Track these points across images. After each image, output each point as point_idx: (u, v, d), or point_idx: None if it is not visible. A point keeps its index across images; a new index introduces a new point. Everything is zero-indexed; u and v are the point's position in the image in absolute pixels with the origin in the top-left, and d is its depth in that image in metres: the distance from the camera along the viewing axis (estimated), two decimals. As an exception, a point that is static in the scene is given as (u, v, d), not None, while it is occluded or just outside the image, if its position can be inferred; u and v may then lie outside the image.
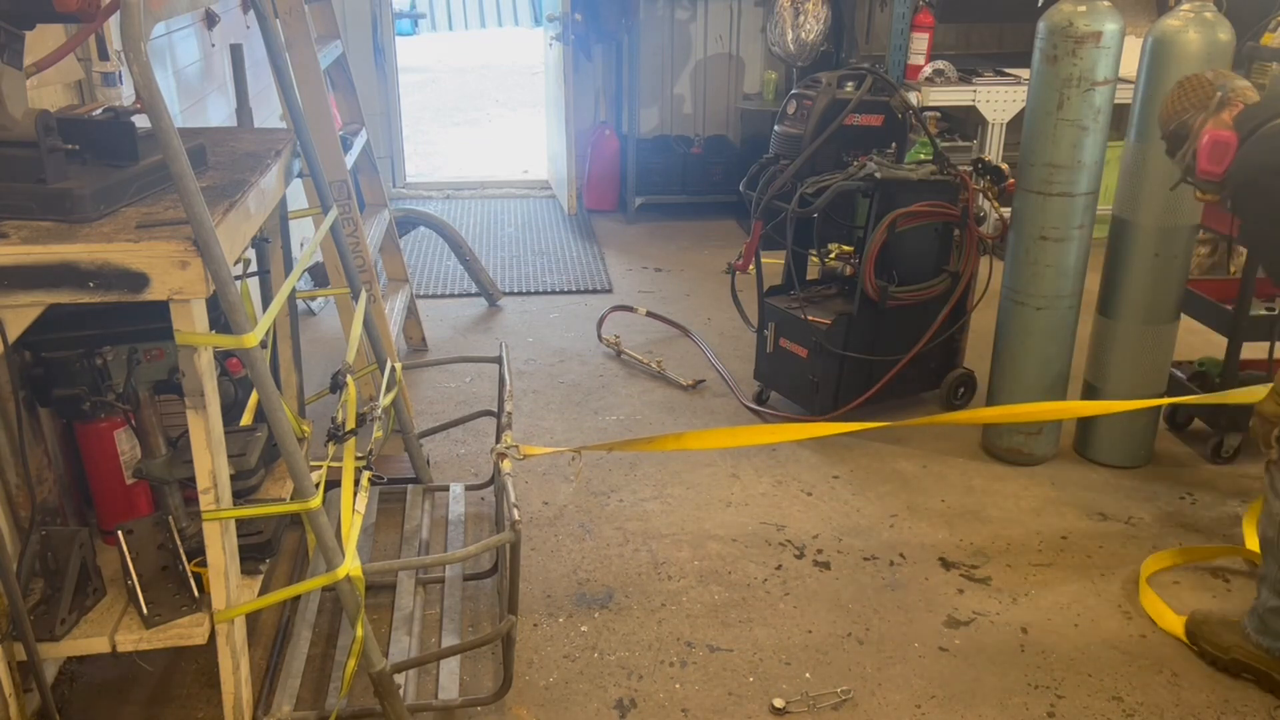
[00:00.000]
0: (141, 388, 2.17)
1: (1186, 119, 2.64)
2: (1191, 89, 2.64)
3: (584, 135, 6.56)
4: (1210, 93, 2.59)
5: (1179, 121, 2.66)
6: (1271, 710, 2.49)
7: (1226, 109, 2.55)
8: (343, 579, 2.10)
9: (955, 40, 6.44)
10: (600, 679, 2.57)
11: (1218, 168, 2.52)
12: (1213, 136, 2.52)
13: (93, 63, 2.70)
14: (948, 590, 2.93)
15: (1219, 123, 2.55)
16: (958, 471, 3.57)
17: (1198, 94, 2.62)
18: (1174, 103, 2.68)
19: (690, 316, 4.85)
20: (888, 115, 3.78)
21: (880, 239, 3.58)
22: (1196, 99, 2.62)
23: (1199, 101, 2.61)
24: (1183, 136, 2.65)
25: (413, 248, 5.82)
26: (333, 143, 3.41)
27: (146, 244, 1.79)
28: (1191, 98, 2.63)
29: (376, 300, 3.54)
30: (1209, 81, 2.62)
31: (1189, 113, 2.63)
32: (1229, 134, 2.50)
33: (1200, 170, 2.57)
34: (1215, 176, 2.54)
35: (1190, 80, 2.67)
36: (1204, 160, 2.55)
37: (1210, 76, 2.64)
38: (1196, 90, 2.63)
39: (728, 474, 3.52)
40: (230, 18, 4.02)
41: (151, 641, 2.08)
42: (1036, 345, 3.48)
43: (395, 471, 3.38)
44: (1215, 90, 2.58)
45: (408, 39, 14.69)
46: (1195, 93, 2.63)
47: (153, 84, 1.72)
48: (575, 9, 6.10)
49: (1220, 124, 2.55)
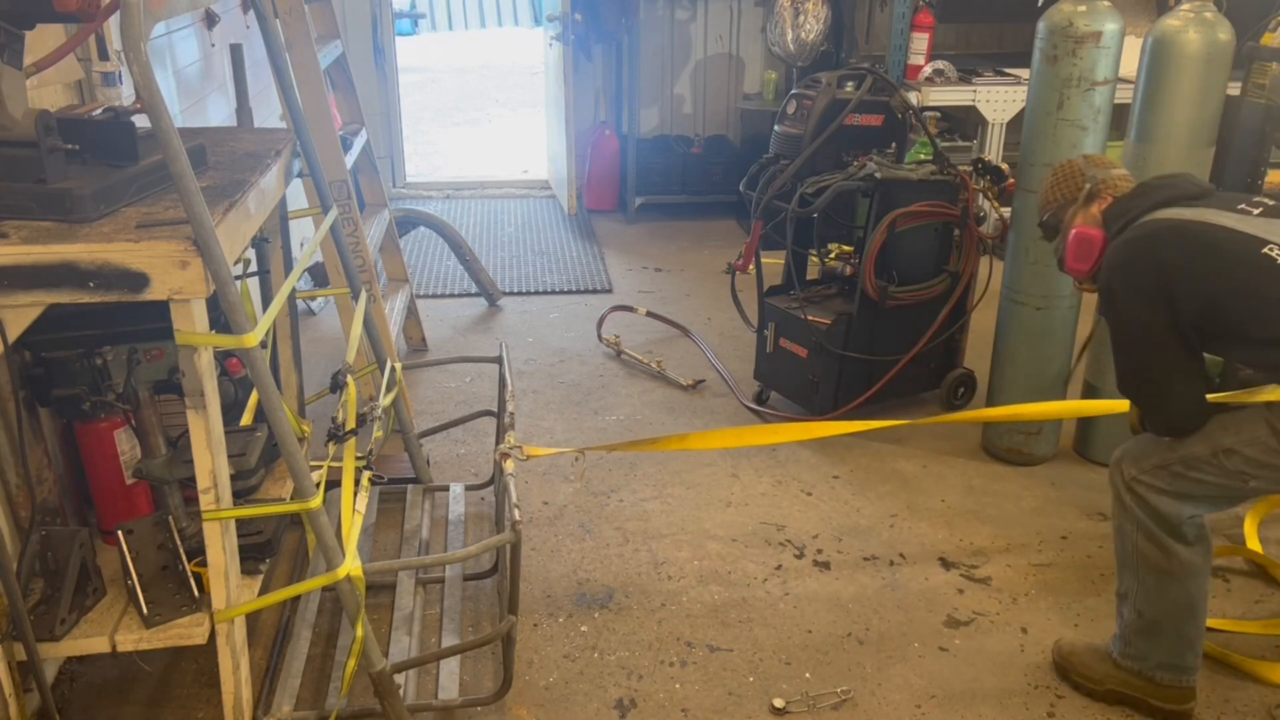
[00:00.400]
0: (141, 388, 2.17)
1: (1058, 210, 2.51)
2: (1062, 178, 2.50)
3: (584, 135, 6.56)
4: (1080, 183, 2.45)
5: (1051, 212, 2.53)
6: (1272, 710, 2.49)
7: (1096, 201, 2.40)
8: (343, 579, 2.10)
9: (955, 40, 6.44)
10: (600, 679, 2.57)
11: (1083, 265, 2.38)
12: (1078, 234, 2.38)
13: (93, 63, 2.70)
14: (948, 590, 2.93)
15: (1088, 217, 2.40)
16: (958, 471, 3.57)
17: (1068, 184, 2.48)
18: (1047, 192, 2.54)
19: (690, 316, 4.85)
20: (888, 115, 3.78)
21: (880, 239, 3.58)
22: (1067, 190, 2.48)
23: (1069, 193, 2.47)
24: (1055, 228, 2.52)
25: (413, 248, 5.82)
26: (333, 143, 3.41)
27: (146, 244, 1.79)
28: (1062, 188, 2.49)
29: (376, 300, 3.54)
30: (1080, 170, 2.47)
31: (1060, 204, 2.50)
32: (1096, 231, 2.36)
33: (1068, 267, 2.44)
34: (1083, 274, 2.41)
35: (1062, 168, 2.53)
36: (1070, 258, 2.41)
37: (1081, 164, 2.49)
38: (1067, 180, 2.49)
39: (728, 474, 3.52)
40: (230, 18, 4.02)
41: (151, 641, 2.08)
42: (1036, 345, 3.48)
43: (395, 471, 3.38)
44: (1084, 181, 2.44)
45: (408, 39, 14.69)
46: (1066, 183, 2.49)
47: (153, 84, 1.72)
48: (575, 9, 6.10)
49: (1089, 218, 2.40)
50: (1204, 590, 2.36)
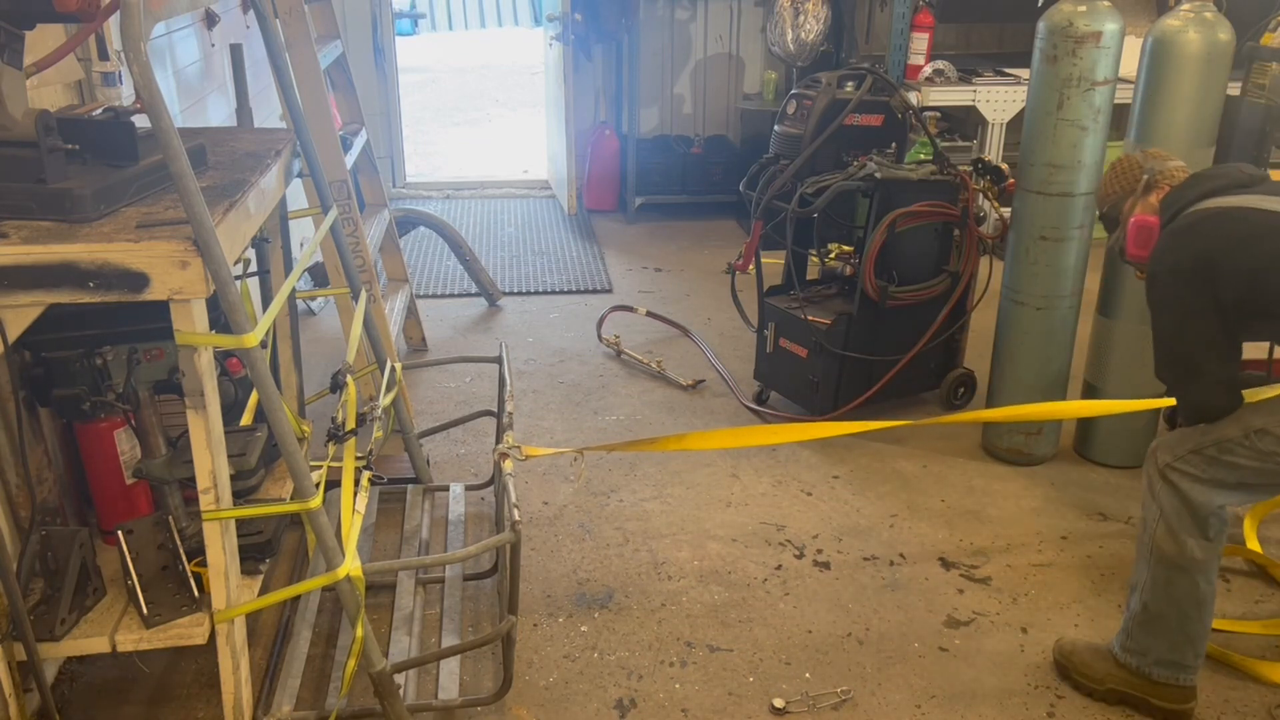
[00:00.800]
0: (141, 388, 2.17)
1: (1117, 201, 2.60)
2: (1121, 171, 2.60)
3: (584, 135, 6.56)
4: (1138, 175, 2.55)
5: (1110, 204, 2.62)
6: (1272, 710, 2.49)
7: (1154, 191, 2.49)
8: (343, 579, 2.10)
9: (955, 40, 6.44)
10: (600, 679, 2.57)
11: (1144, 251, 2.46)
12: (1137, 221, 2.48)
13: (93, 63, 2.70)
14: (948, 590, 2.93)
15: (1146, 206, 2.50)
16: (958, 471, 3.57)
17: (1127, 177, 2.57)
18: (1105, 185, 2.64)
19: (690, 316, 4.85)
20: (888, 115, 3.78)
21: (880, 239, 3.58)
22: (1126, 182, 2.57)
23: (1128, 185, 2.57)
24: (1114, 219, 2.62)
25: (413, 248, 5.82)
26: (333, 143, 3.41)
27: (146, 244, 1.79)
28: (1121, 180, 2.59)
29: (376, 300, 3.54)
30: (1138, 163, 2.57)
31: (1119, 195, 2.59)
32: (1153, 219, 2.45)
33: (1129, 254, 2.53)
34: (1143, 260, 2.49)
35: (1121, 162, 2.62)
36: (1130, 245, 2.51)
37: (1139, 158, 2.58)
38: (1126, 173, 2.58)
39: (728, 474, 3.52)
40: (230, 18, 4.02)
41: (151, 641, 2.08)
42: (1036, 345, 3.48)
43: (395, 471, 3.38)
44: (1142, 173, 2.54)
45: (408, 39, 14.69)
46: (1125, 175, 2.58)
47: (153, 84, 1.72)
48: (575, 9, 6.10)
49: (1147, 208, 2.50)
50: (1212, 589, 2.38)
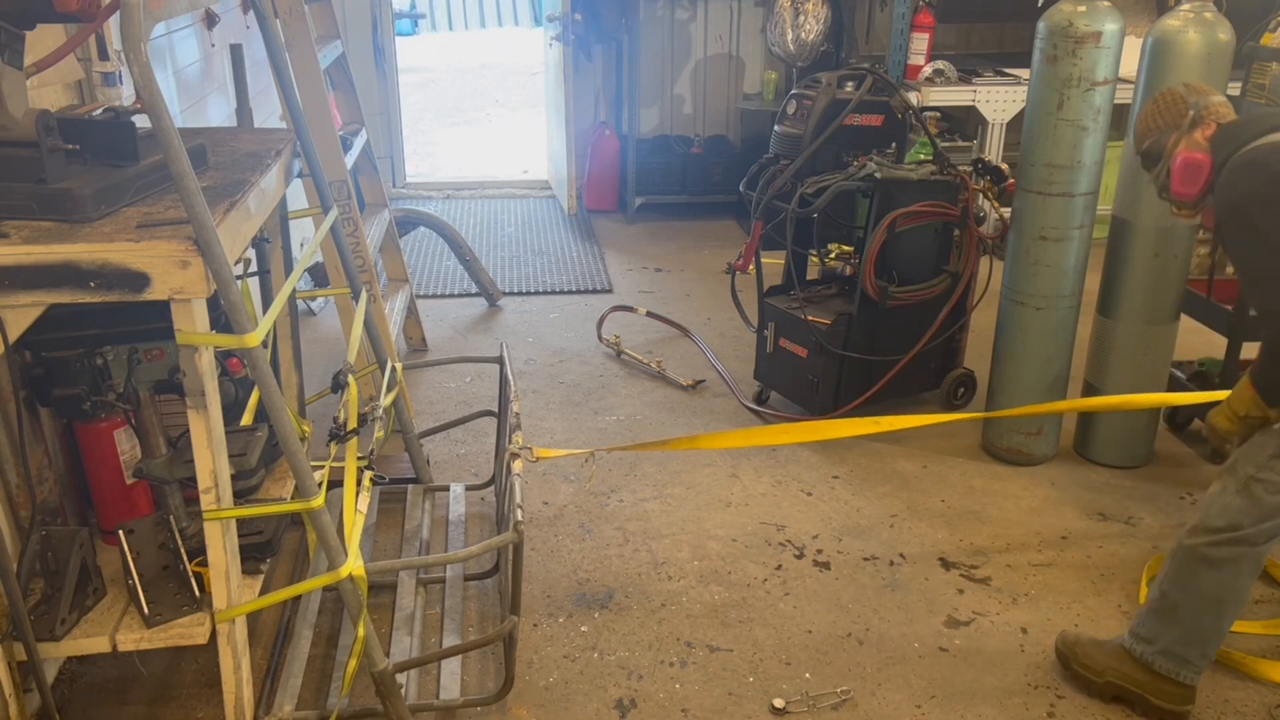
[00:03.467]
0: (142, 387, 2.17)
1: (1160, 137, 2.56)
2: (1165, 105, 2.56)
3: (584, 135, 6.56)
4: (1183, 110, 2.51)
5: (1153, 139, 2.59)
6: (1272, 710, 2.49)
7: (1200, 128, 2.46)
8: (345, 578, 2.10)
9: (955, 40, 6.44)
10: (600, 679, 2.57)
11: (1191, 189, 2.45)
12: (1185, 159, 2.45)
13: (93, 63, 2.70)
14: (948, 590, 2.94)
15: (1192, 143, 2.47)
16: (958, 471, 3.57)
17: (1171, 111, 2.54)
18: (1147, 119, 2.60)
19: (690, 316, 4.85)
20: (888, 115, 3.78)
21: (880, 239, 3.58)
22: (1170, 117, 2.54)
23: (1172, 120, 2.53)
24: (1156, 155, 2.58)
25: (413, 248, 5.82)
26: (333, 143, 3.41)
27: (147, 244, 1.79)
28: (1165, 115, 2.55)
29: (376, 300, 3.54)
30: (1182, 98, 2.53)
31: (1162, 130, 2.56)
32: (1202, 156, 2.43)
33: (1174, 192, 2.50)
34: (1189, 198, 2.48)
35: (1164, 96, 2.58)
36: (1177, 182, 2.48)
37: (1183, 92, 2.55)
38: (1170, 107, 2.55)
39: (727, 474, 3.52)
40: (230, 18, 4.02)
41: (152, 641, 2.08)
42: (1036, 345, 3.48)
43: (395, 471, 3.38)
44: (1188, 108, 2.50)
45: (408, 39, 14.69)
46: (1169, 110, 2.55)
47: (153, 84, 1.72)
48: (575, 9, 6.10)
49: (1193, 144, 2.46)
50: (1235, 591, 2.34)
